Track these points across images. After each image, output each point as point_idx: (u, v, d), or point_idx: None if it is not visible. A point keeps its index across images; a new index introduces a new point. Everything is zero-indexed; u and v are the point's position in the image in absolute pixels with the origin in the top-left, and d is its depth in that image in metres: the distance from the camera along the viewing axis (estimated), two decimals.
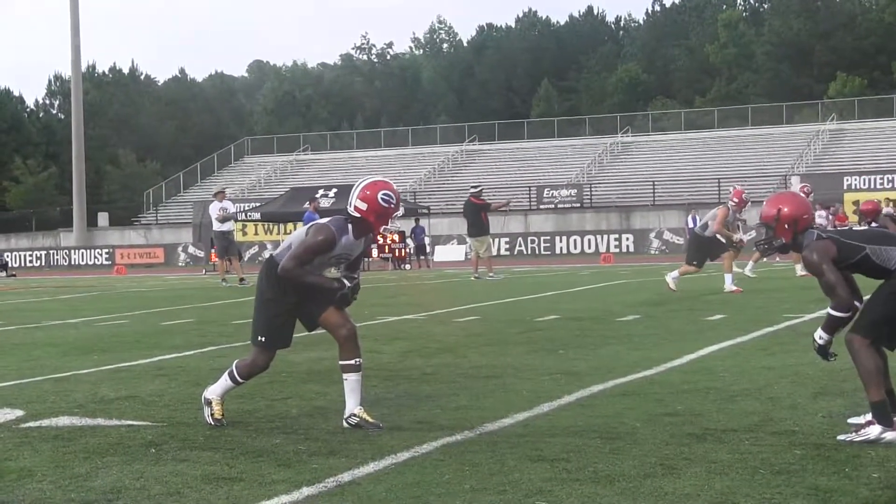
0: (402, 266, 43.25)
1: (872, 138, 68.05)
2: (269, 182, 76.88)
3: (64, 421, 7.90)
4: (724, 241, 20.02)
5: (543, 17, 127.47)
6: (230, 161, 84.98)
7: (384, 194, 7.47)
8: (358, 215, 7.49)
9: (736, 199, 20.33)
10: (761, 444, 6.60)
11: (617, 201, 62.80)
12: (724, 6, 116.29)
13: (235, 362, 7.77)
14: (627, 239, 56.31)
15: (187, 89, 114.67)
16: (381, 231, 8.37)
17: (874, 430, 6.60)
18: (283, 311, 7.57)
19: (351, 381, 7.45)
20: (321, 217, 33.24)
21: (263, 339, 7.59)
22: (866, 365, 6.75)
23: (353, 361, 7.45)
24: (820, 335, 7.04)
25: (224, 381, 7.73)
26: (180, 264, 60.99)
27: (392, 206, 7.50)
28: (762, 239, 7.47)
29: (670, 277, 19.56)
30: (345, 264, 7.68)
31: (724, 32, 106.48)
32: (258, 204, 55.26)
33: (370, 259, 41.90)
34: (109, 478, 6.03)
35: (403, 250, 44.45)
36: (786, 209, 7.12)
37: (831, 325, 6.96)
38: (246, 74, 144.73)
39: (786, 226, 7.11)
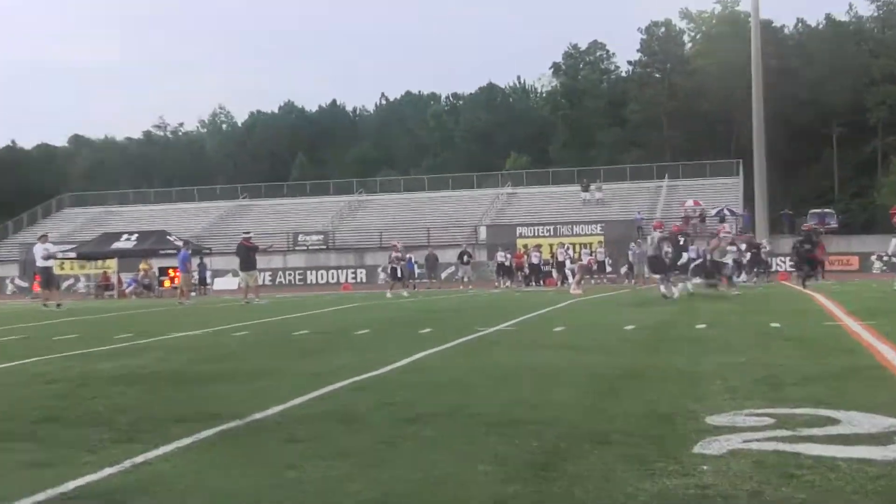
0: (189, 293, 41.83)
1: (536, 200, 70.80)
2: (85, 228, 73.17)
3: None
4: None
5: (300, 106, 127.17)
6: (52, 211, 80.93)
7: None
8: None
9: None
10: (457, 423, 6.67)
11: (354, 244, 62.86)
12: (432, 102, 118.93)
13: None
14: (361, 272, 56.53)
15: (18, 156, 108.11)
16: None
17: None
18: None
19: None
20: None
21: None
22: None
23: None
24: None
25: None
26: (8, 293, 57.38)
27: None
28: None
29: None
30: None
31: (432, 121, 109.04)
32: (75, 245, 52.52)
33: (162, 288, 40.31)
34: None
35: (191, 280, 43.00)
36: None
37: None
38: (67, 144, 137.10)
39: None
